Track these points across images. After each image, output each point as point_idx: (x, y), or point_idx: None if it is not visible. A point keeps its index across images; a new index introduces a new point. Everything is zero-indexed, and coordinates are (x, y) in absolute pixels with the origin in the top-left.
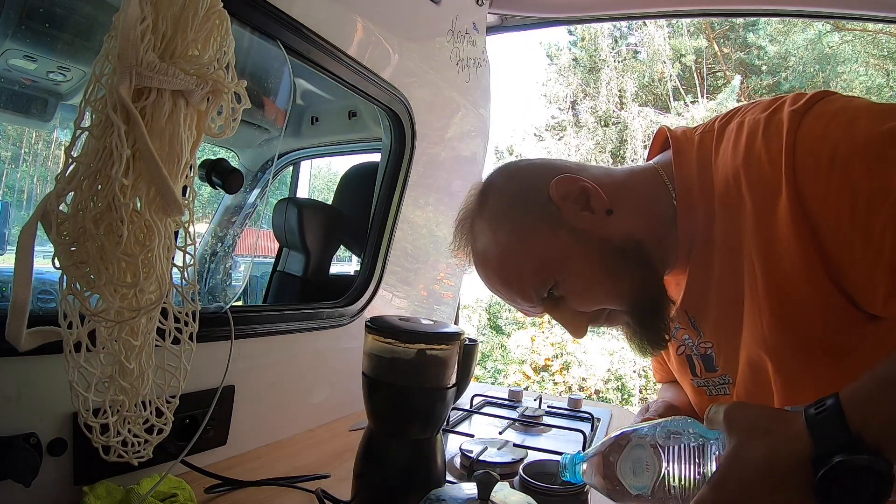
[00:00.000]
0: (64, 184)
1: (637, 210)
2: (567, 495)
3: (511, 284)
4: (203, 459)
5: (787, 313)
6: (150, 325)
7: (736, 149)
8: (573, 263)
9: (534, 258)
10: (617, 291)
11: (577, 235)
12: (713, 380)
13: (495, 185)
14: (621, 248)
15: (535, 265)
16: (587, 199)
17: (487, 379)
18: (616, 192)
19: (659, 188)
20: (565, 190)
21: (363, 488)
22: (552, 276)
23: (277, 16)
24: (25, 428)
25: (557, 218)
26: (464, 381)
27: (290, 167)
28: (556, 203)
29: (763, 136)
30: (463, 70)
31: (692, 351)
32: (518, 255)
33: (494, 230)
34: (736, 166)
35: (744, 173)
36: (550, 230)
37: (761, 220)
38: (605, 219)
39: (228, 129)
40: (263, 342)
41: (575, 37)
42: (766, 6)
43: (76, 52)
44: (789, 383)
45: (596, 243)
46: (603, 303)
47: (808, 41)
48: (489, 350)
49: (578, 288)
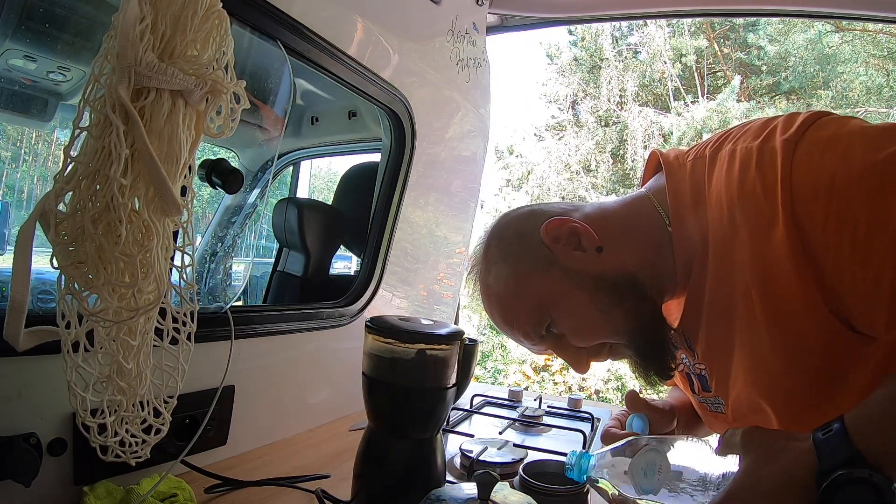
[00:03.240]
0: (62, 183)
1: (629, 243)
2: (567, 495)
3: (512, 324)
4: (203, 459)
5: (786, 339)
6: (148, 325)
7: (729, 178)
8: (565, 303)
9: (529, 299)
10: (612, 327)
11: (569, 275)
12: (709, 398)
13: (496, 232)
14: (613, 284)
15: (530, 305)
16: (578, 239)
17: (487, 379)
18: (606, 227)
19: (651, 216)
20: (556, 232)
21: (363, 488)
22: (547, 315)
23: (277, 16)
24: (25, 428)
25: (550, 259)
26: (464, 381)
27: (290, 167)
28: (547, 245)
29: (757, 166)
30: (463, 70)
31: (690, 370)
32: (515, 297)
33: (495, 275)
34: (731, 196)
35: (738, 203)
36: (543, 271)
37: (757, 249)
38: (596, 256)
39: (227, 129)
40: (263, 342)
41: (575, 37)
42: (766, 6)
43: (76, 52)
44: (787, 405)
45: (589, 281)
46: (600, 338)
47: (808, 41)
48: (489, 350)
49: (573, 326)
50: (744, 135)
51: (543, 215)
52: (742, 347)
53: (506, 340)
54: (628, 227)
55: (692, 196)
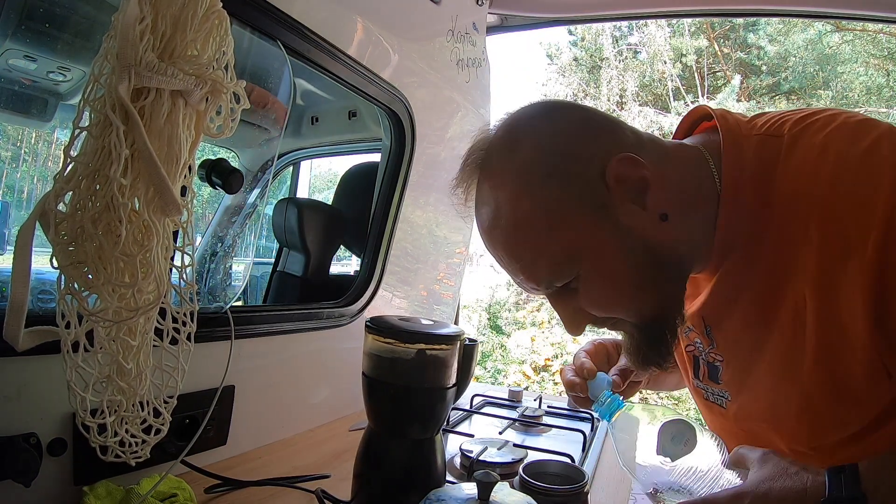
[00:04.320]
0: (62, 183)
1: (690, 219)
2: (567, 495)
3: (520, 260)
4: (203, 459)
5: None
6: (148, 325)
7: (817, 176)
8: (603, 265)
9: (559, 244)
10: (638, 306)
11: (620, 234)
12: (713, 389)
13: (534, 127)
14: (663, 262)
15: (557, 253)
16: (644, 191)
17: (487, 379)
18: (674, 190)
19: (706, 180)
20: (625, 173)
21: (363, 488)
22: (573, 271)
23: (277, 16)
24: (25, 428)
25: (605, 203)
26: (464, 381)
27: (290, 167)
28: (608, 184)
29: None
30: (463, 70)
31: (701, 355)
32: (540, 234)
33: (517, 190)
34: (813, 197)
35: (820, 209)
36: (591, 217)
37: (828, 266)
38: (656, 221)
39: (227, 129)
40: (263, 342)
41: (575, 37)
42: (766, 6)
43: (76, 52)
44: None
45: (640, 248)
46: (619, 313)
47: (808, 41)
48: (489, 350)
49: (598, 293)
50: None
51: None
52: (776, 355)
53: (506, 340)
54: (691, 196)
55: (757, 174)
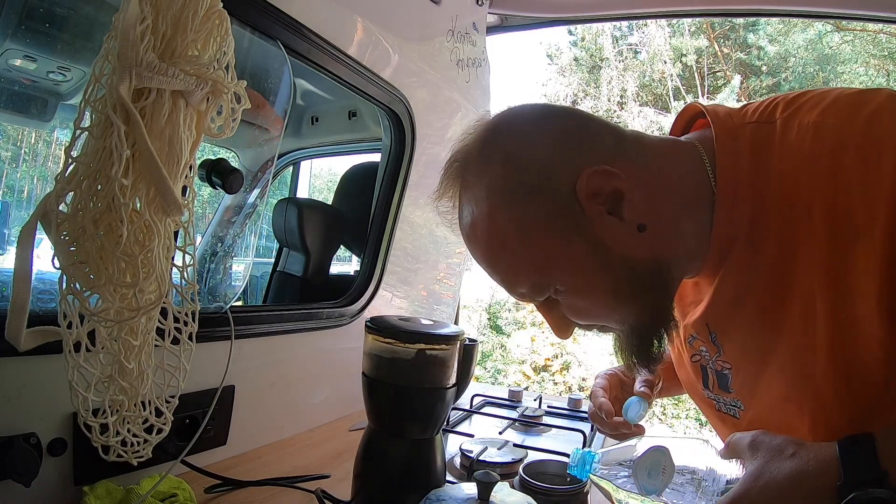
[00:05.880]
0: (63, 184)
1: (674, 224)
2: (567, 495)
3: (498, 272)
4: (203, 459)
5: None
6: (149, 324)
7: (814, 158)
8: (580, 280)
9: (532, 260)
10: (620, 316)
11: (595, 248)
12: (725, 398)
13: (509, 138)
14: (643, 272)
15: (531, 268)
16: (619, 202)
17: (487, 379)
18: (655, 196)
19: (699, 177)
20: (597, 186)
21: (363, 488)
22: (550, 286)
23: (277, 16)
24: (25, 428)
25: (576, 219)
26: (464, 381)
27: (290, 167)
28: (580, 200)
29: (857, 155)
30: (463, 70)
31: (708, 364)
32: (514, 250)
33: (491, 204)
34: (813, 181)
35: (822, 193)
36: (563, 232)
37: (836, 253)
38: (634, 233)
39: (228, 129)
40: (263, 342)
41: (575, 37)
42: (766, 6)
43: (76, 52)
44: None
45: (617, 262)
46: (601, 321)
47: (808, 41)
48: (489, 350)
49: (578, 305)
50: (831, 108)
51: (581, 147)
52: (786, 358)
53: (506, 340)
54: (681, 197)
55: (752, 166)
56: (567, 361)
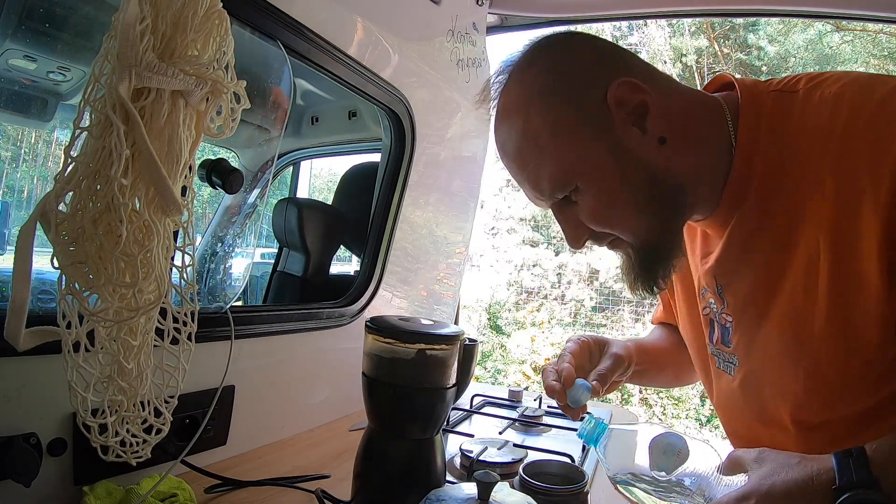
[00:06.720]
0: (63, 183)
1: (692, 147)
2: (567, 495)
3: (525, 169)
4: (203, 459)
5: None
6: (148, 325)
7: (829, 128)
8: (600, 182)
9: (560, 159)
10: (633, 226)
11: (617, 153)
12: (724, 354)
13: (553, 50)
14: (659, 185)
15: (558, 167)
16: (644, 116)
17: (487, 379)
18: (677, 119)
19: (719, 126)
20: (624, 96)
21: (363, 488)
22: (572, 184)
23: (277, 16)
24: (25, 428)
25: (605, 124)
26: (464, 381)
27: (290, 167)
28: (609, 106)
29: (868, 127)
30: (463, 70)
31: (715, 317)
32: (544, 148)
33: (528, 105)
34: (826, 147)
35: (834, 160)
36: (591, 135)
37: (841, 212)
38: (655, 145)
39: (227, 129)
40: (263, 342)
41: None
42: (766, 6)
43: (76, 52)
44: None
45: (634, 168)
46: (615, 229)
47: (808, 41)
48: (489, 350)
49: (595, 207)
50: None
51: (615, 65)
52: (785, 314)
53: (506, 340)
54: (696, 129)
55: (773, 126)
56: None
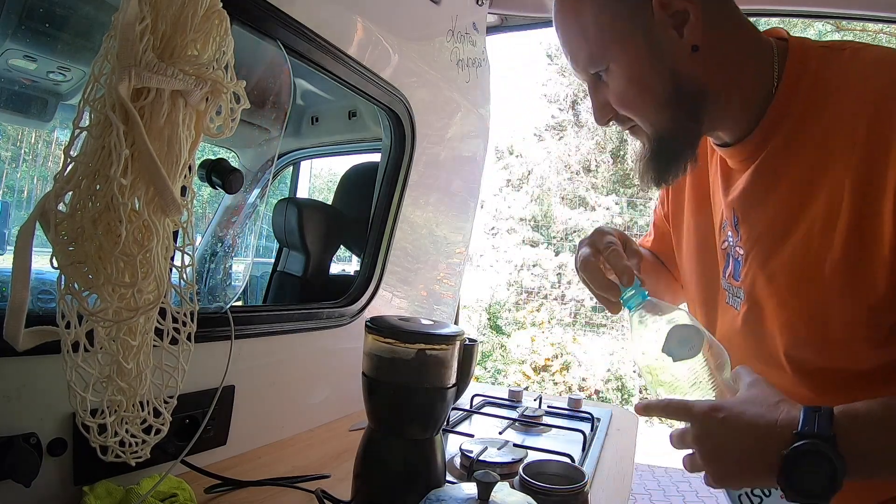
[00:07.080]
0: (62, 183)
1: (723, 66)
2: (567, 495)
3: (569, 43)
4: (203, 459)
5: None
6: (148, 325)
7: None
8: (630, 68)
9: (600, 38)
10: (652, 117)
11: (650, 46)
12: (733, 287)
13: None
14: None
15: (596, 46)
16: (683, 22)
17: (487, 379)
18: (716, 35)
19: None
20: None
21: (363, 488)
22: (605, 62)
23: (277, 16)
24: (25, 428)
25: (646, 20)
26: (464, 381)
27: (290, 167)
28: (653, 6)
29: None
30: (463, 70)
31: (730, 250)
32: (587, 28)
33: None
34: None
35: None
36: (630, 24)
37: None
38: (687, 51)
39: (227, 129)
40: (263, 342)
41: None
42: (766, 6)
43: (76, 52)
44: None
45: (666, 67)
46: (635, 115)
47: None
48: (489, 350)
49: (621, 90)
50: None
51: None
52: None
53: (506, 340)
54: (735, 53)
55: (817, 70)
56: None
